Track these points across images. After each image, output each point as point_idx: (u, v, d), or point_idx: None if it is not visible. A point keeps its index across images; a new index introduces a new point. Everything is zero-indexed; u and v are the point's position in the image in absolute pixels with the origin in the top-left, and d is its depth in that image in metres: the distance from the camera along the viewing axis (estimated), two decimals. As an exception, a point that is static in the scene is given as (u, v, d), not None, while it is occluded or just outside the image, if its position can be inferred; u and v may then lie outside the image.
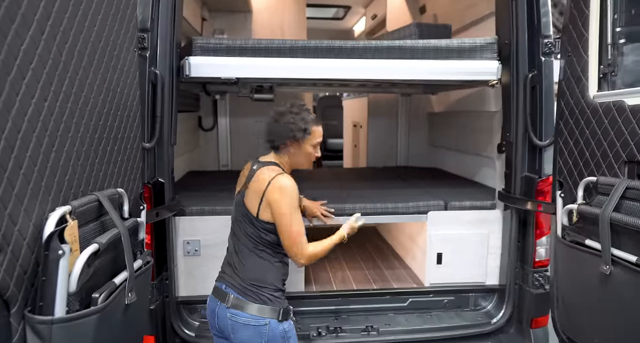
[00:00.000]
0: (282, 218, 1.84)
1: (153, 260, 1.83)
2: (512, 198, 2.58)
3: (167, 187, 2.33)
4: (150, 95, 2.20)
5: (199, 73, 2.33)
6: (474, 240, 2.74)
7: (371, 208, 2.70)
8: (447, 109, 4.16)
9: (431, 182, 3.48)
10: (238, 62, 2.38)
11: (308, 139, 1.98)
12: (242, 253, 1.94)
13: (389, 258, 3.36)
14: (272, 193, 1.84)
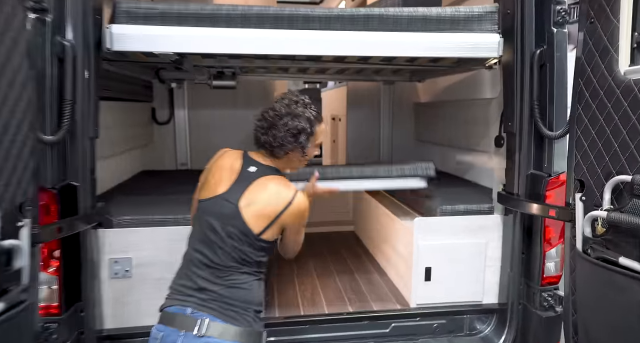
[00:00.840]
0: (296, 236, 1.68)
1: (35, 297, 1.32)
2: (515, 200, 2.14)
3: (83, 193, 1.82)
4: (56, 74, 1.68)
5: (125, 46, 1.81)
6: (468, 251, 2.30)
7: (348, 173, 2.35)
8: (435, 99, 3.71)
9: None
10: (176, 33, 1.87)
11: (311, 141, 1.65)
12: (222, 270, 1.53)
13: (368, 271, 2.89)
14: (292, 217, 1.56)
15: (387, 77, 3.71)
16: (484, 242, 2.31)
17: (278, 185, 1.55)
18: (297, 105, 1.58)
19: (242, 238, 1.51)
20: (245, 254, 1.52)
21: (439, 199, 2.42)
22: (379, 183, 2.40)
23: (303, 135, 1.57)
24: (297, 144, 1.57)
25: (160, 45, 1.85)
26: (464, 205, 2.34)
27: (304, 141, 1.58)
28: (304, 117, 1.57)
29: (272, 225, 1.52)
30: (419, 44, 2.05)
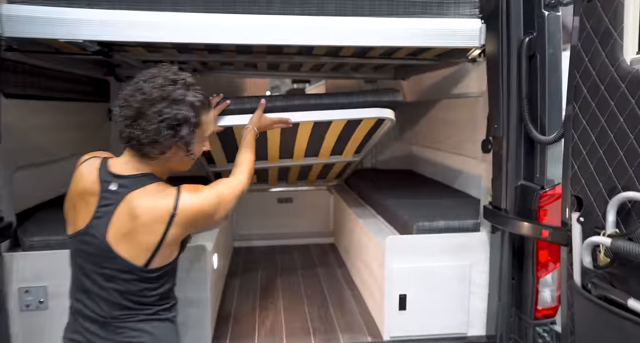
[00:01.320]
0: (216, 219, 1.28)
1: None
2: (502, 217, 1.81)
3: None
4: None
5: (19, 31, 1.50)
6: (450, 275, 1.97)
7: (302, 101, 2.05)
8: (420, 97, 3.38)
9: (397, 190, 2.69)
10: (89, 16, 1.55)
11: (197, 134, 1.23)
12: (112, 323, 1.17)
13: (341, 293, 2.56)
14: (184, 227, 1.18)
15: (367, 74, 3.39)
16: (468, 264, 1.98)
17: (151, 201, 1.14)
18: (175, 85, 1.15)
19: (126, 278, 1.16)
20: (136, 294, 1.17)
21: (416, 213, 2.09)
22: (338, 113, 2.06)
23: (185, 128, 1.15)
24: (177, 139, 1.15)
25: (65, 31, 1.53)
26: (444, 220, 2.01)
27: (187, 135, 1.16)
28: (186, 102, 1.14)
29: (160, 250, 1.15)
30: (383, 31, 1.72)
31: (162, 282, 1.21)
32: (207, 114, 1.25)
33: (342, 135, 2.39)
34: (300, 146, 2.47)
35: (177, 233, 1.17)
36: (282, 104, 1.94)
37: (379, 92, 2.07)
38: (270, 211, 3.51)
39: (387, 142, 3.76)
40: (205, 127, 1.25)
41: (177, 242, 1.20)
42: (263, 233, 3.50)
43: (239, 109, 1.92)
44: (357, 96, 2.04)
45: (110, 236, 1.15)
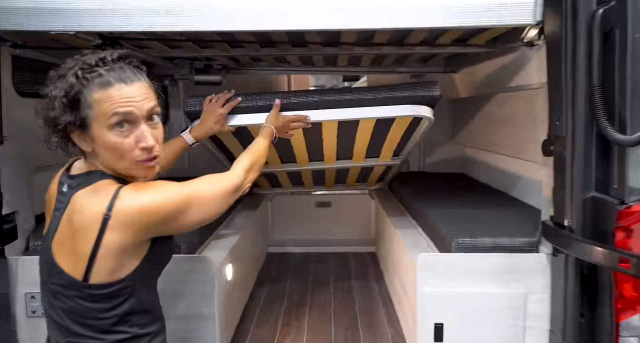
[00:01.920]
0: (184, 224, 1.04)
1: None
2: (565, 237, 1.44)
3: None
4: None
5: (10, 24, 1.40)
6: (499, 305, 1.62)
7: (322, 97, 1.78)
8: (474, 92, 2.99)
9: (441, 197, 2.36)
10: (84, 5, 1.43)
11: (94, 119, 0.95)
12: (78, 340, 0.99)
13: (375, 312, 2.29)
14: (126, 234, 0.94)
15: (413, 68, 3.06)
16: (522, 292, 1.62)
17: (85, 201, 0.96)
18: (69, 61, 0.97)
19: (67, 294, 0.97)
20: (82, 315, 0.97)
21: (458, 227, 1.77)
22: (364, 111, 1.79)
23: (57, 109, 0.94)
24: (54, 123, 0.95)
25: (57, 23, 1.42)
26: (490, 237, 1.67)
27: (58, 114, 0.94)
28: (66, 78, 0.94)
29: (96, 261, 0.94)
30: (414, 10, 1.43)
31: (116, 302, 0.98)
32: (106, 91, 0.95)
33: (375, 136, 2.11)
34: (329, 148, 2.23)
35: (118, 241, 0.93)
36: (299, 100, 1.72)
37: (412, 86, 1.77)
38: (308, 216, 3.31)
39: (436, 143, 3.41)
40: (101, 109, 0.95)
41: (129, 251, 0.96)
42: (299, 239, 3.30)
43: (251, 106, 1.73)
44: (385, 91, 1.76)
45: (54, 244, 0.98)
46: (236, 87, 2.33)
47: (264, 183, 2.95)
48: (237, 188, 1.17)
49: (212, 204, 1.08)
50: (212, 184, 1.10)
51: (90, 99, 0.93)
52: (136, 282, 0.99)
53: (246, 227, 2.52)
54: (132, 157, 0.97)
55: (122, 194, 0.94)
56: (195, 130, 1.66)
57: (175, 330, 1.71)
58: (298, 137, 2.10)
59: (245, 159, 1.28)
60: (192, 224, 1.05)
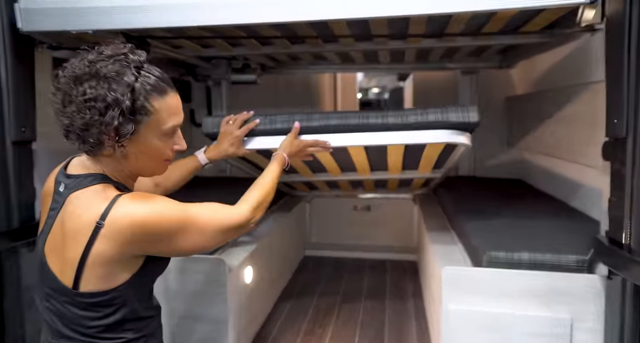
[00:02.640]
0: (177, 248, 0.99)
1: None
2: (622, 258, 1.20)
3: (3, 205, 1.52)
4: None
5: (35, 25, 1.46)
6: (538, 330, 1.40)
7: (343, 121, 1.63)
8: (532, 88, 2.70)
9: (486, 205, 2.13)
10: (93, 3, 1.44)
11: (149, 126, 0.95)
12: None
13: (405, 327, 2.11)
14: (117, 245, 0.91)
15: (464, 63, 2.83)
16: (568, 317, 1.39)
17: (80, 206, 0.93)
18: (108, 61, 0.91)
19: (58, 299, 0.94)
20: (72, 321, 0.95)
21: (494, 239, 1.56)
22: (390, 136, 1.62)
23: (114, 112, 0.88)
24: (105, 127, 0.89)
25: (77, 23, 1.44)
26: (530, 252, 1.44)
27: (120, 121, 0.89)
28: (121, 81, 0.89)
29: (84, 270, 0.91)
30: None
31: (105, 311, 0.95)
32: (163, 97, 0.96)
33: (407, 158, 1.95)
34: (361, 164, 2.09)
35: (108, 251, 0.90)
36: (319, 124, 1.60)
37: (444, 110, 1.57)
38: (346, 219, 3.19)
39: (490, 145, 3.14)
40: (159, 115, 0.95)
41: (118, 263, 0.92)
42: (336, 243, 3.19)
43: (270, 129, 1.63)
44: (414, 115, 1.59)
45: (47, 246, 0.96)
46: (277, 86, 2.27)
47: (301, 186, 2.88)
48: (240, 227, 1.10)
49: (209, 236, 1.02)
50: (216, 215, 1.04)
51: (150, 106, 0.93)
52: (129, 292, 0.96)
53: (278, 228, 2.46)
54: (164, 158, 1.02)
55: (119, 203, 0.91)
56: (210, 150, 1.55)
57: (190, 331, 1.69)
58: (328, 159, 1.98)
59: (255, 194, 1.19)
60: (182, 251, 1.01)
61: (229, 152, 1.59)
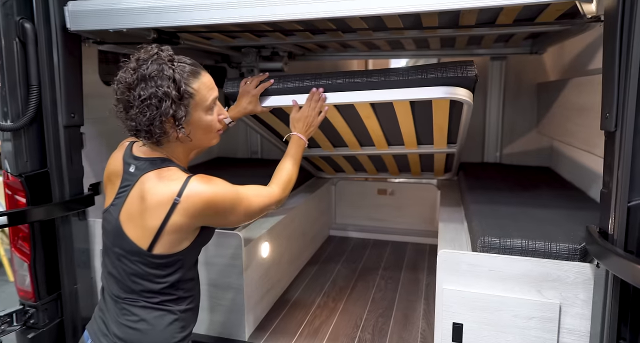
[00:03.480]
0: (233, 220, 1.25)
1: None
2: (604, 248, 1.24)
3: (57, 180, 1.78)
4: (20, 58, 1.66)
5: (81, 25, 1.66)
6: (528, 313, 1.47)
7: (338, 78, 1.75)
8: (560, 75, 2.63)
9: (499, 192, 2.17)
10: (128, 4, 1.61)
11: (195, 105, 1.15)
12: (120, 304, 1.21)
13: (413, 305, 2.23)
14: (190, 218, 1.13)
15: (493, 49, 2.80)
16: (557, 302, 1.45)
17: (158, 183, 1.13)
18: (147, 63, 1.09)
19: (132, 259, 1.17)
20: (142, 278, 1.16)
21: (492, 225, 1.63)
22: (394, 93, 1.70)
23: (168, 102, 1.08)
24: (163, 117, 1.08)
25: (114, 21, 1.63)
26: (522, 239, 1.50)
27: (174, 109, 1.09)
28: (163, 76, 1.08)
29: (162, 236, 1.12)
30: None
31: (169, 271, 1.17)
32: (197, 81, 1.14)
33: (418, 121, 2.02)
34: (375, 133, 2.20)
35: (181, 222, 1.11)
36: (327, 82, 1.73)
37: (443, 66, 1.63)
38: (370, 202, 3.30)
39: (518, 132, 3.10)
40: (201, 94, 1.15)
41: (185, 232, 1.14)
42: (360, 224, 3.32)
43: (283, 88, 1.79)
44: (414, 72, 1.66)
45: (122, 216, 1.18)
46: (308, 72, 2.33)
47: (327, 168, 3.02)
48: (273, 205, 1.33)
49: (253, 212, 1.26)
50: (259, 197, 1.28)
51: (191, 89, 1.12)
52: (186, 257, 1.19)
53: (300, 208, 2.62)
54: (216, 128, 1.23)
55: (191, 183, 1.12)
56: (231, 109, 1.78)
57: (212, 297, 1.90)
58: (340, 123, 2.12)
59: (282, 176, 1.42)
60: (232, 223, 1.24)
61: (247, 110, 1.80)
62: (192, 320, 1.28)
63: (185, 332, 1.23)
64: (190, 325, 1.26)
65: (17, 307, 1.81)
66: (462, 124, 1.96)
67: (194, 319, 1.28)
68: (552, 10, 1.70)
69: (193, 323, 1.28)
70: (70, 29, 1.68)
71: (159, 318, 1.18)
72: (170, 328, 1.19)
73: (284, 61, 2.74)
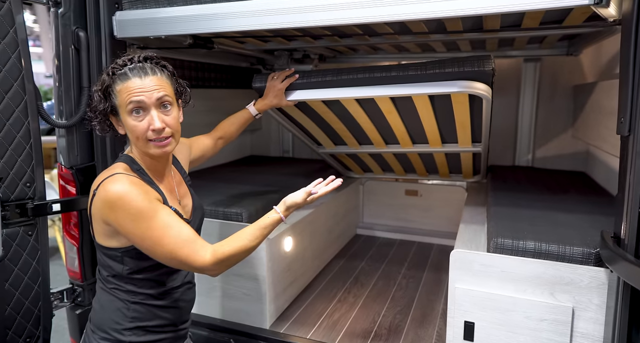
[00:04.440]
0: (137, 239, 1.13)
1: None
2: (614, 253, 1.24)
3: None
4: (75, 63, 1.85)
5: (127, 32, 1.83)
6: (540, 316, 1.48)
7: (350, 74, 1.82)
8: (595, 77, 2.56)
9: (524, 195, 2.15)
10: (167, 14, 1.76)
11: (119, 107, 1.19)
12: (97, 290, 1.32)
13: (432, 304, 2.25)
14: (102, 211, 1.15)
15: (527, 51, 2.76)
16: (570, 306, 1.45)
17: (100, 176, 1.22)
18: (111, 62, 1.23)
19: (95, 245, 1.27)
20: (99, 263, 1.26)
21: (506, 227, 1.64)
22: (412, 87, 1.73)
23: (97, 97, 1.21)
24: (95, 110, 1.22)
25: (154, 29, 1.79)
26: (535, 241, 1.51)
27: (103, 105, 1.20)
28: (104, 74, 1.21)
29: (93, 224, 1.20)
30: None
31: (112, 263, 1.21)
32: (124, 84, 1.17)
33: (440, 118, 2.05)
34: (399, 130, 2.24)
35: (95, 214, 1.17)
36: (348, 77, 1.80)
37: (460, 61, 1.66)
38: (397, 203, 3.33)
39: (552, 135, 3.03)
40: (122, 97, 1.17)
41: (103, 227, 1.17)
42: (386, 224, 3.36)
43: (307, 82, 1.88)
44: (432, 67, 1.70)
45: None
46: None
47: (355, 167, 3.09)
48: (195, 269, 1.15)
49: (162, 249, 1.11)
50: (179, 238, 1.11)
51: (115, 90, 1.18)
52: (125, 258, 1.21)
53: (327, 206, 2.71)
54: (146, 137, 1.18)
55: (109, 179, 1.15)
56: (258, 102, 1.91)
57: (237, 286, 2.03)
58: (363, 119, 2.18)
59: (231, 248, 1.16)
60: (138, 244, 1.13)
61: (273, 103, 1.91)
62: (152, 318, 1.24)
63: (135, 324, 1.21)
64: (148, 321, 1.24)
65: (67, 285, 2.02)
66: (484, 121, 1.97)
67: (156, 318, 1.25)
68: (578, 13, 1.69)
69: (155, 321, 1.25)
70: (117, 36, 1.85)
71: (109, 302, 1.23)
72: (117, 314, 1.22)
73: (314, 63, 2.84)
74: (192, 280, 1.40)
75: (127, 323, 1.22)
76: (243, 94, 3.37)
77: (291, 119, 2.37)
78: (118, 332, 1.21)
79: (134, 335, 1.22)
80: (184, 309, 1.34)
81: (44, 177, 1.77)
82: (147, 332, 1.24)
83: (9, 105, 1.59)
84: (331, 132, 2.48)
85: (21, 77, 1.62)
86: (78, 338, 1.98)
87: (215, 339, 1.97)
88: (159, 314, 1.26)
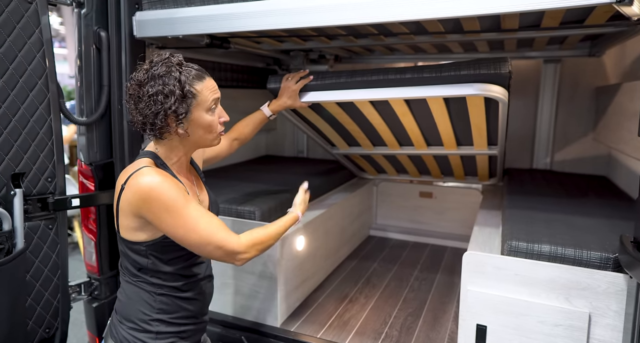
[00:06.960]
0: (170, 228, 1.17)
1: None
2: (632, 257, 1.21)
3: (120, 169, 2.01)
4: (96, 62, 1.89)
5: (146, 32, 1.87)
6: (554, 321, 1.45)
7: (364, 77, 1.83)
8: (618, 79, 2.49)
9: (541, 198, 2.11)
10: (191, 14, 1.79)
11: (197, 105, 1.23)
12: (120, 277, 1.35)
13: (444, 306, 2.23)
14: (131, 205, 1.18)
15: (548, 52, 2.71)
16: (586, 311, 1.42)
17: (125, 169, 1.24)
18: (158, 66, 1.20)
19: (119, 239, 1.29)
20: (123, 256, 1.29)
21: (521, 230, 1.61)
22: (427, 89, 1.71)
23: (172, 99, 1.17)
24: (165, 112, 1.17)
25: (172, 29, 1.82)
26: (551, 245, 1.48)
27: (176, 106, 1.18)
28: (170, 76, 1.18)
29: (120, 219, 1.21)
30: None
31: (137, 257, 1.24)
32: (202, 81, 1.23)
33: (455, 120, 2.03)
34: (413, 132, 2.23)
35: (125, 208, 1.18)
36: (362, 79, 1.80)
37: (476, 63, 1.64)
38: (411, 204, 3.31)
39: (573, 138, 2.97)
40: (203, 94, 1.22)
41: (132, 221, 1.19)
42: (400, 226, 3.34)
43: (321, 84, 1.89)
44: (447, 69, 1.68)
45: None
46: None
47: (369, 168, 3.08)
48: (231, 254, 1.20)
49: (195, 237, 1.16)
50: (211, 227, 1.17)
51: (194, 90, 1.21)
52: (150, 251, 1.23)
53: (340, 206, 2.71)
54: (217, 130, 1.28)
55: (140, 171, 1.16)
56: (273, 103, 1.91)
57: (249, 284, 2.05)
58: (377, 120, 2.17)
59: (259, 234, 1.28)
60: (172, 234, 1.17)
61: (287, 104, 1.91)
62: (177, 309, 1.28)
63: (161, 316, 1.25)
64: (174, 313, 1.28)
65: (84, 279, 2.07)
66: (500, 123, 1.94)
67: (181, 310, 1.29)
68: (600, 12, 1.66)
69: (180, 312, 1.29)
70: (137, 36, 1.89)
71: (135, 294, 1.27)
72: (145, 305, 1.25)
73: (329, 64, 2.84)
74: (211, 273, 1.44)
75: (154, 314, 1.26)
76: (259, 94, 3.40)
77: (305, 120, 2.38)
78: (146, 323, 1.26)
79: (162, 324, 1.27)
80: (205, 301, 1.39)
81: (65, 172, 1.82)
82: (171, 324, 1.28)
83: (33, 102, 1.63)
84: (345, 134, 2.48)
85: (45, 76, 1.66)
86: (95, 330, 2.03)
87: (227, 336, 1.99)
88: (183, 306, 1.30)
